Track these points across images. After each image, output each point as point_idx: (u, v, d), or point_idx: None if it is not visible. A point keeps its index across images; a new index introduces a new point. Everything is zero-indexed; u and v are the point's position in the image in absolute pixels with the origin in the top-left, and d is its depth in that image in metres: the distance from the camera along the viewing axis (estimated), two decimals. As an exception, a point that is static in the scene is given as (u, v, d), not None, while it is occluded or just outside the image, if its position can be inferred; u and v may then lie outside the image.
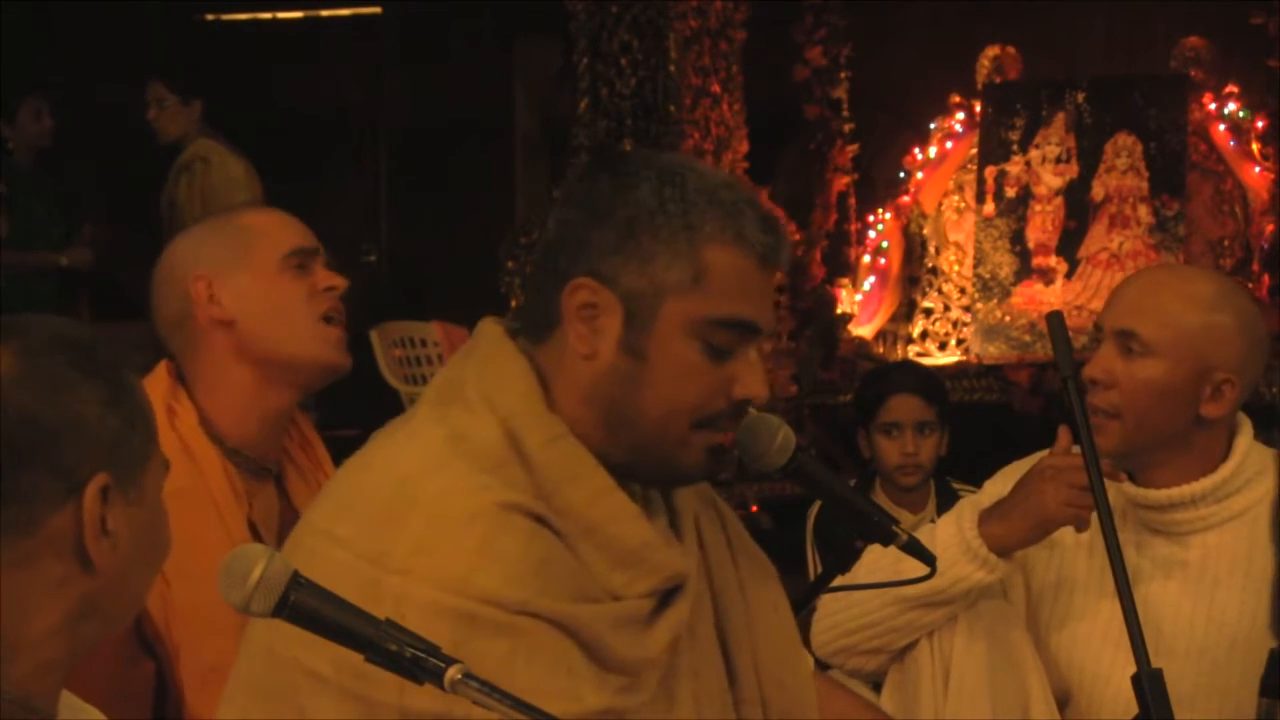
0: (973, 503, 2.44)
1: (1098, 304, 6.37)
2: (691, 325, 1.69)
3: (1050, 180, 6.69)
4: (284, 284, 2.28)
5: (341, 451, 2.46)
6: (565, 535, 1.67)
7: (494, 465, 1.66)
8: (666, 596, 1.73)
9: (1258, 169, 6.60)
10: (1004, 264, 6.69)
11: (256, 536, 2.22)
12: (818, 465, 1.98)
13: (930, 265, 6.95)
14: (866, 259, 6.96)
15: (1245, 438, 2.43)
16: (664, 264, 1.68)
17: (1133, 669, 2.12)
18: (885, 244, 6.92)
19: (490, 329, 1.78)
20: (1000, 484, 2.56)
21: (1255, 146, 6.63)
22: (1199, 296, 2.38)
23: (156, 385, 2.27)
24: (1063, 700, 2.47)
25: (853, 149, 7.16)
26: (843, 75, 7.13)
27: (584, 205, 1.73)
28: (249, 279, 2.27)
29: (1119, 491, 2.39)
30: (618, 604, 1.68)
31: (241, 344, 2.26)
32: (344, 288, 2.33)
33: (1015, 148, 6.76)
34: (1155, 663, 2.10)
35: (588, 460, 1.70)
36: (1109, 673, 2.43)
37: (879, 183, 7.26)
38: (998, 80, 6.94)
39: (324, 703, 1.60)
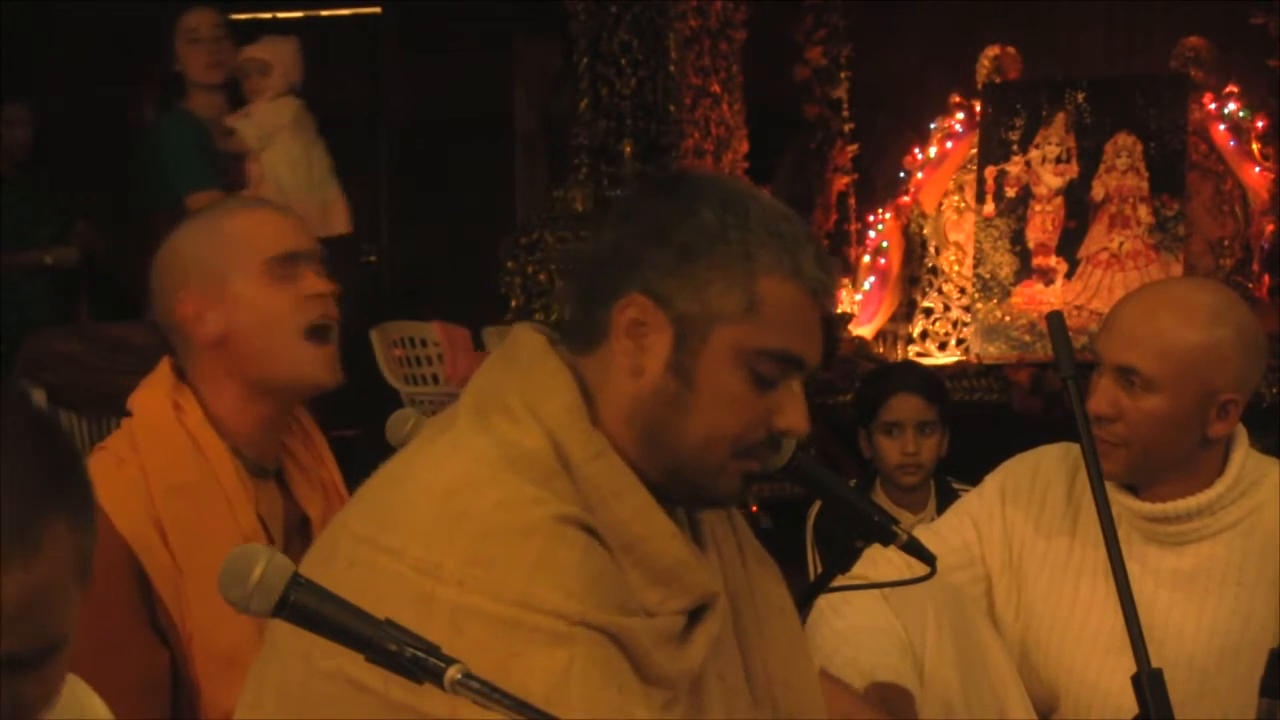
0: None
1: (1098, 304, 6.37)
2: (740, 354, 1.69)
3: (1050, 180, 6.69)
4: (268, 295, 2.25)
5: (341, 451, 2.46)
6: (610, 549, 1.66)
7: (544, 477, 1.65)
8: (696, 613, 1.74)
9: (1258, 169, 6.59)
10: (1004, 264, 6.68)
11: (265, 530, 2.22)
12: (818, 465, 1.98)
13: (930, 265, 6.95)
14: (866, 259, 6.95)
15: (1241, 449, 2.43)
16: (719, 291, 1.68)
17: (1121, 674, 2.12)
18: (885, 244, 6.92)
19: (531, 338, 1.77)
20: (999, 480, 2.56)
21: (1255, 146, 6.63)
22: (1194, 315, 2.35)
23: (160, 382, 2.28)
24: (1051, 705, 2.47)
25: (853, 149, 7.16)
26: (843, 75, 7.14)
27: (642, 223, 1.73)
28: (232, 293, 2.25)
29: (1116, 501, 2.39)
30: (655, 620, 1.68)
31: (229, 361, 2.25)
32: (331, 292, 2.29)
33: (1015, 148, 6.75)
34: (1146, 669, 2.10)
35: (630, 477, 1.70)
36: (1096, 678, 2.42)
37: (879, 183, 7.25)
38: (998, 80, 6.94)
39: (369, 715, 1.59)
